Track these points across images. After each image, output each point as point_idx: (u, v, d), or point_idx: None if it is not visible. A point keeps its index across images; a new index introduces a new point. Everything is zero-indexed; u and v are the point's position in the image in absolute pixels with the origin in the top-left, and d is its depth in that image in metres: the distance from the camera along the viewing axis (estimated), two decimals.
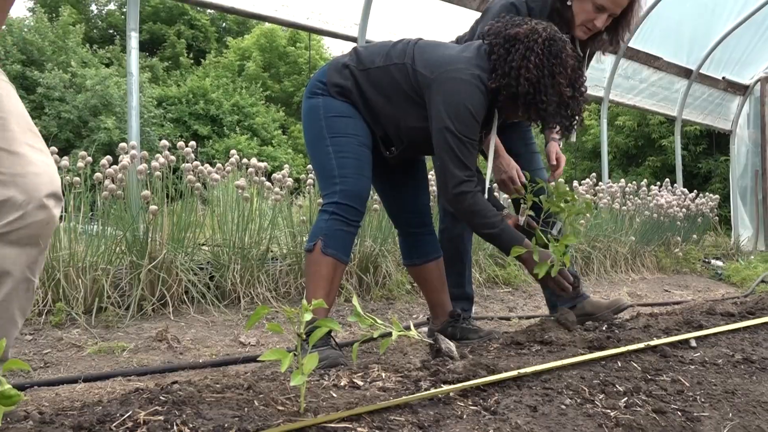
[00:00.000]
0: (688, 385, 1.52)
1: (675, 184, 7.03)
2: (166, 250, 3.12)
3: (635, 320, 2.37)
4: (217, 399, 1.23)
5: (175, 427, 1.06)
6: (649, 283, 5.14)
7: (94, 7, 25.87)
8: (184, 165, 3.41)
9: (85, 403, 1.26)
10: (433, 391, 1.32)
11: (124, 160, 3.21)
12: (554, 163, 2.46)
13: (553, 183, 2.28)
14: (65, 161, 3.19)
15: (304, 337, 1.26)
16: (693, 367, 1.66)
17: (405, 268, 2.85)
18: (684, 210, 6.23)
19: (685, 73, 7.49)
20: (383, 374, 1.50)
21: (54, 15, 20.06)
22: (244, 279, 3.35)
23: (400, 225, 2.38)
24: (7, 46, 16.72)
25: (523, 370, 1.47)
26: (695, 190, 6.95)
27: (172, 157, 3.43)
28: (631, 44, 6.66)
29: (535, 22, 2.01)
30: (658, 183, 6.73)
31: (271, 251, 3.65)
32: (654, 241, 5.85)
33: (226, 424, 1.07)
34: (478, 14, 5.12)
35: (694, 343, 1.89)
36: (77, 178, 3.23)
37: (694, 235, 6.43)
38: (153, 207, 3.07)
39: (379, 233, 3.84)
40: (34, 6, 22.86)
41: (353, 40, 4.91)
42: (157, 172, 3.29)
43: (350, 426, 1.13)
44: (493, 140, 2.14)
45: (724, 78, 7.96)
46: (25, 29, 17.99)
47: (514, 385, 1.42)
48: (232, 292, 3.31)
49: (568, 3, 2.28)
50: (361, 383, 1.43)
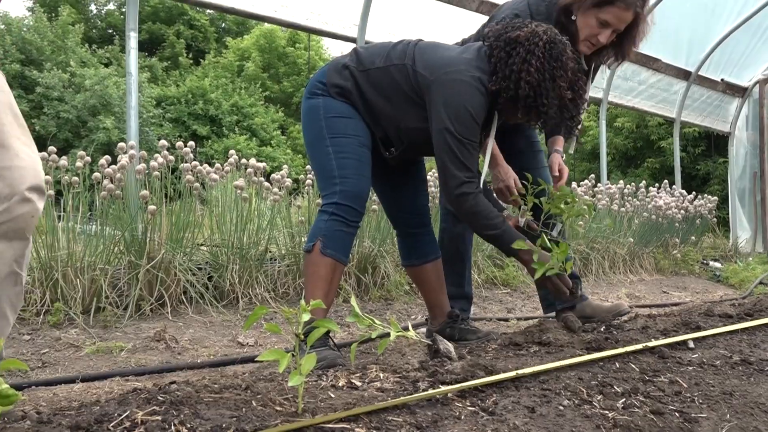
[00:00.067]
0: (685, 386, 1.52)
1: (673, 186, 7.04)
2: (165, 250, 3.12)
3: (633, 321, 2.37)
4: (215, 399, 1.23)
5: (173, 427, 1.05)
6: (648, 284, 5.15)
7: (93, 7, 25.90)
8: (182, 165, 3.41)
9: (83, 403, 1.26)
10: (431, 391, 1.32)
11: (123, 160, 3.21)
12: (557, 174, 2.46)
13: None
14: (64, 161, 3.18)
15: (303, 337, 1.26)
16: (691, 369, 1.66)
17: (403, 269, 2.84)
18: (682, 212, 6.24)
19: (684, 74, 7.49)
20: (381, 375, 1.50)
21: (53, 14, 20.08)
22: (243, 279, 3.35)
23: (399, 225, 2.38)
24: (6, 46, 16.73)
25: (521, 371, 1.47)
26: (694, 192, 6.96)
27: (171, 157, 3.43)
28: None
29: (535, 25, 2.00)
30: (657, 184, 6.74)
31: (270, 252, 3.65)
32: (652, 243, 5.86)
33: (224, 425, 1.07)
34: (478, 15, 5.17)
35: (692, 345, 1.89)
36: (76, 178, 3.22)
37: (693, 237, 6.44)
38: (151, 207, 3.07)
39: (378, 234, 3.84)
40: (34, 5, 22.87)
41: (352, 40, 4.91)
42: (156, 172, 3.29)
43: (348, 426, 1.13)
44: (491, 143, 2.14)
45: (722, 80, 7.97)
46: (24, 29, 18.00)
47: (512, 386, 1.42)
48: (231, 292, 3.31)
49: (573, 17, 2.29)
50: (359, 384, 1.43)
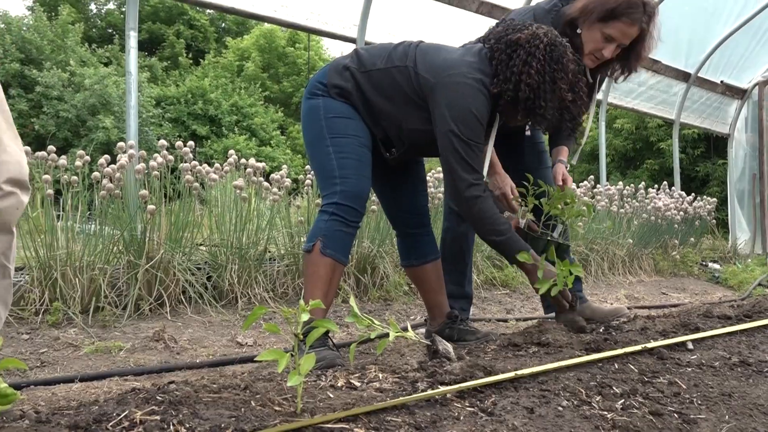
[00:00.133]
0: (684, 387, 1.52)
1: (673, 187, 7.04)
2: (164, 249, 3.12)
3: (632, 322, 2.38)
4: (214, 399, 1.23)
5: (172, 427, 1.05)
6: (647, 285, 5.15)
7: (93, 6, 25.92)
8: (182, 165, 3.41)
9: (82, 403, 1.26)
10: (430, 392, 1.32)
11: (122, 159, 3.21)
12: (560, 183, 2.47)
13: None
14: (63, 160, 3.18)
15: (302, 337, 1.26)
16: (690, 370, 1.67)
17: (403, 269, 2.85)
18: (681, 213, 6.24)
19: (684, 76, 7.50)
20: (380, 375, 1.50)
21: (53, 14, 20.08)
22: (242, 279, 3.35)
23: (398, 226, 2.38)
24: (6, 45, 16.71)
25: (520, 372, 1.47)
26: (693, 193, 6.96)
27: (171, 157, 3.43)
28: None
29: (536, 26, 2.00)
30: (656, 186, 6.75)
31: (269, 252, 3.65)
32: (651, 244, 5.86)
33: (223, 424, 1.07)
34: (477, 15, 5.16)
35: (691, 346, 1.90)
36: (75, 177, 3.22)
37: (692, 238, 6.44)
38: (151, 207, 3.07)
39: (377, 234, 3.84)
40: (33, 4, 22.86)
41: (352, 41, 4.91)
42: (155, 172, 3.28)
43: (347, 427, 1.13)
44: (490, 150, 2.14)
45: (722, 82, 7.98)
46: (24, 28, 17.98)
47: (511, 386, 1.42)
48: (230, 292, 3.31)
49: (578, 31, 2.29)
50: (358, 384, 1.43)
